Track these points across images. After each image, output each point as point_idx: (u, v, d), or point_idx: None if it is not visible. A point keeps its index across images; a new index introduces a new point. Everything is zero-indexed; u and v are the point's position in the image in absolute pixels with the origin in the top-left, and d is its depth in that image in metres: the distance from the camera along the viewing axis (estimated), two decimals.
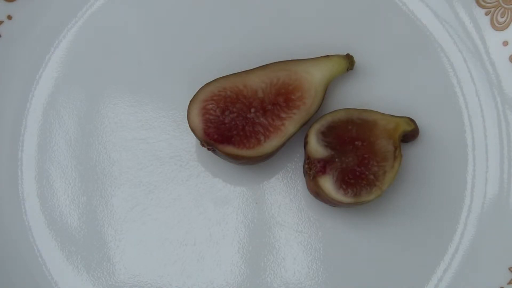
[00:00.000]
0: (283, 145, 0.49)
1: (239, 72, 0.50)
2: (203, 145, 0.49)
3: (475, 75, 0.53)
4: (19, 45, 0.54)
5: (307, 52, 0.52)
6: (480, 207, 0.52)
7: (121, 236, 0.52)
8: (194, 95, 0.49)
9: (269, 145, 0.48)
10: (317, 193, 0.46)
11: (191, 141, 0.53)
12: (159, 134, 0.53)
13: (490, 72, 0.53)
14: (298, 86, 0.50)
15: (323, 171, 0.45)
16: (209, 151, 0.50)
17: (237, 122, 0.49)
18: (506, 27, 0.52)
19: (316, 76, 0.50)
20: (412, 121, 0.49)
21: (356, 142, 0.45)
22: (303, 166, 0.47)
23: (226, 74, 0.50)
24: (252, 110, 0.49)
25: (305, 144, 0.46)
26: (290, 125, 0.49)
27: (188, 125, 0.49)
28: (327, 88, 0.51)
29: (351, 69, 0.52)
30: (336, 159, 0.45)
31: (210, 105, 0.49)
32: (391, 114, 0.51)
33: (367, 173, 0.45)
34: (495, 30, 0.53)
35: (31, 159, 0.53)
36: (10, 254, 0.52)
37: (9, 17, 0.54)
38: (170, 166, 0.53)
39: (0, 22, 0.53)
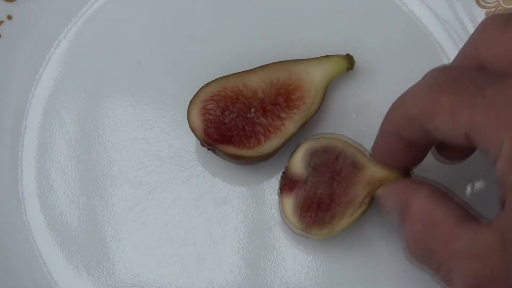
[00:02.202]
0: (283, 145, 0.49)
1: (239, 72, 0.50)
2: (203, 145, 0.49)
3: None
4: (19, 45, 0.54)
5: (307, 52, 0.52)
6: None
7: (121, 236, 0.52)
8: (194, 95, 0.49)
9: (269, 145, 0.48)
10: (280, 210, 0.46)
11: (191, 141, 0.53)
12: (159, 134, 0.53)
13: None
14: (298, 86, 0.50)
15: (290, 189, 0.44)
16: (209, 151, 0.50)
17: (237, 122, 0.49)
18: None
19: (316, 76, 0.50)
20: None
21: (333, 178, 0.44)
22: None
23: (226, 74, 0.50)
24: (252, 110, 0.49)
25: (293, 152, 0.45)
26: (290, 125, 0.49)
27: (188, 125, 0.49)
28: (327, 88, 0.51)
29: (351, 69, 0.52)
30: (309, 184, 0.44)
31: (210, 105, 0.49)
32: None
33: (326, 211, 0.43)
34: None
35: (31, 159, 0.53)
36: (10, 254, 0.52)
37: (9, 17, 0.54)
38: (170, 166, 0.53)
39: (0, 22, 0.53)
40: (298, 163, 0.44)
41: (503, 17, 0.37)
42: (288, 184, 0.44)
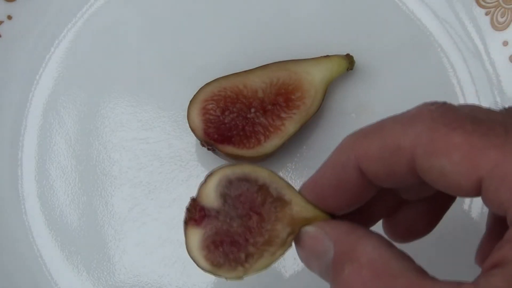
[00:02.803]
0: (283, 145, 0.49)
1: (239, 72, 0.50)
2: (203, 145, 0.49)
3: (475, 75, 0.53)
4: (19, 45, 0.54)
5: (307, 52, 0.52)
6: (480, 207, 0.52)
7: (121, 236, 0.52)
8: (194, 95, 0.49)
9: (269, 145, 0.48)
10: (185, 242, 0.39)
11: (191, 141, 0.53)
12: (159, 134, 0.53)
13: (490, 72, 0.53)
14: (298, 86, 0.50)
15: (198, 222, 0.38)
16: (209, 151, 0.50)
17: (237, 122, 0.49)
18: (506, 27, 0.52)
19: (316, 76, 0.50)
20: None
21: (251, 213, 0.37)
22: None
23: (226, 74, 0.50)
24: (252, 110, 0.49)
25: (206, 178, 0.38)
26: (290, 125, 0.49)
27: (188, 125, 0.49)
28: (327, 88, 0.51)
29: (351, 69, 0.52)
30: (220, 217, 0.37)
31: (210, 105, 0.49)
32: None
33: (241, 249, 0.37)
34: (495, 30, 0.53)
35: (31, 159, 0.53)
36: (10, 254, 0.52)
37: (9, 17, 0.54)
38: (170, 166, 0.53)
39: (0, 22, 0.53)
40: (211, 192, 0.37)
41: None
42: (196, 216, 0.38)
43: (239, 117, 0.49)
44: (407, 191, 0.36)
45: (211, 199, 0.37)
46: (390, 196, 0.36)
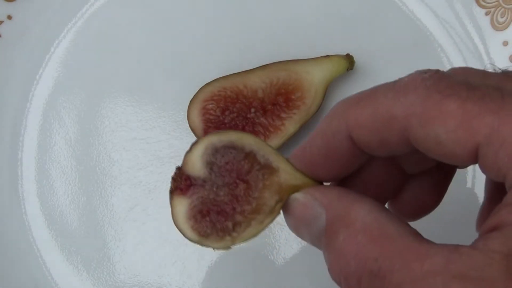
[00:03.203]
0: (283, 145, 0.49)
1: (239, 72, 0.50)
2: None
3: None
4: (19, 45, 0.54)
5: (307, 52, 0.52)
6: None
7: (121, 236, 0.52)
8: (194, 95, 0.49)
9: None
10: (171, 212, 0.37)
11: (191, 141, 0.53)
12: (159, 134, 0.53)
13: None
14: (298, 86, 0.50)
15: (184, 191, 0.36)
16: None
17: (237, 122, 0.49)
18: (506, 27, 0.52)
19: (316, 76, 0.50)
20: None
21: (238, 181, 0.36)
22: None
23: (226, 74, 0.50)
24: (252, 110, 0.49)
25: (191, 146, 0.37)
26: (290, 125, 0.49)
27: (188, 125, 0.49)
28: (327, 88, 0.51)
29: (351, 69, 0.52)
30: (207, 186, 0.36)
31: (210, 105, 0.49)
32: None
33: (228, 218, 0.36)
34: (495, 30, 0.53)
35: (31, 159, 0.53)
36: (10, 254, 0.52)
37: (9, 17, 0.54)
38: (170, 166, 0.53)
39: (0, 22, 0.53)
40: (197, 160, 0.36)
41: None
42: (181, 185, 0.37)
43: (239, 117, 0.49)
44: (408, 162, 0.35)
45: (197, 167, 0.36)
46: (395, 174, 0.35)
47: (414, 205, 0.36)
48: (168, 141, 0.53)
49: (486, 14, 0.53)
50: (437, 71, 0.30)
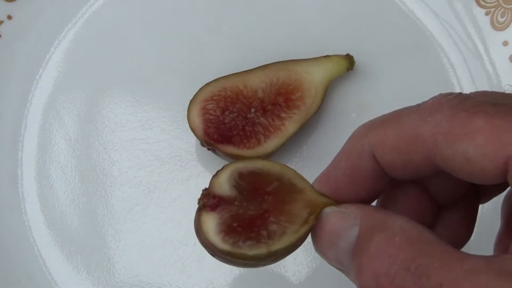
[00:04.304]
0: (283, 145, 0.49)
1: (239, 72, 0.50)
2: (203, 145, 0.49)
3: (475, 75, 0.53)
4: (19, 45, 0.54)
5: (307, 52, 0.52)
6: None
7: (121, 236, 0.52)
8: (194, 95, 0.49)
9: (269, 145, 0.49)
10: (197, 230, 0.36)
11: (191, 141, 0.53)
12: (159, 134, 0.53)
13: (490, 72, 0.53)
14: (298, 86, 0.50)
15: (213, 208, 0.35)
16: (209, 151, 0.50)
17: (237, 122, 0.49)
18: (506, 27, 0.52)
19: (316, 76, 0.50)
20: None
21: (267, 196, 0.35)
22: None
23: (226, 74, 0.50)
24: (252, 110, 0.49)
25: (217, 172, 0.37)
26: (290, 125, 0.49)
27: (188, 125, 0.49)
28: (327, 88, 0.51)
29: (351, 69, 0.52)
30: (236, 203, 0.35)
31: (210, 105, 0.49)
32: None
33: (261, 227, 0.34)
34: (495, 30, 0.53)
35: (31, 159, 0.53)
36: (10, 254, 0.52)
37: (9, 17, 0.54)
38: (170, 166, 0.53)
39: (0, 22, 0.53)
40: (222, 184, 0.36)
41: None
42: (209, 202, 0.36)
43: (239, 117, 0.49)
44: (436, 189, 0.35)
45: (224, 188, 0.36)
46: (427, 205, 0.35)
47: (449, 238, 0.36)
48: (168, 141, 0.53)
49: (486, 14, 0.53)
50: (460, 93, 0.30)
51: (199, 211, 0.35)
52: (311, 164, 0.52)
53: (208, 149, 0.49)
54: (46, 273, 0.52)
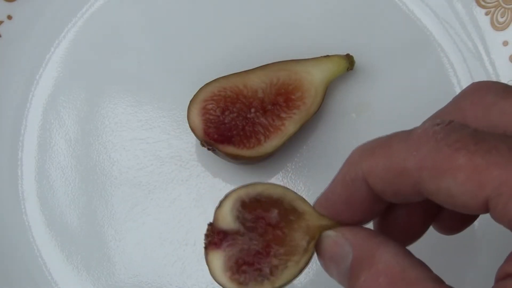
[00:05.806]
0: (283, 145, 0.49)
1: (239, 72, 0.50)
2: (203, 145, 0.49)
3: (475, 75, 0.53)
4: (19, 45, 0.54)
5: (307, 52, 0.52)
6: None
7: (121, 236, 0.52)
8: (194, 95, 0.49)
9: (269, 145, 0.48)
10: (207, 265, 0.39)
11: (191, 141, 0.53)
12: (159, 134, 0.53)
13: (490, 72, 0.53)
14: (298, 86, 0.50)
15: (218, 245, 0.38)
16: (209, 151, 0.50)
17: (237, 122, 0.49)
18: (506, 27, 0.52)
19: (316, 76, 0.50)
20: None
21: (268, 228, 0.38)
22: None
23: (226, 74, 0.50)
24: (252, 110, 0.49)
25: (220, 203, 0.39)
26: (290, 125, 0.49)
27: (188, 125, 0.49)
28: (327, 88, 0.51)
29: (351, 69, 0.52)
30: (240, 237, 0.37)
31: (210, 105, 0.49)
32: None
33: (263, 264, 0.37)
34: (495, 30, 0.53)
35: (31, 159, 0.53)
36: (10, 254, 0.52)
37: (9, 17, 0.54)
38: (170, 166, 0.53)
39: (0, 22, 0.53)
40: (225, 216, 0.38)
41: (502, 85, 0.33)
42: (215, 239, 0.38)
43: (239, 117, 0.49)
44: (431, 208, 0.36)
45: (227, 221, 0.38)
46: (421, 220, 0.37)
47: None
48: (168, 141, 0.53)
49: (486, 14, 0.53)
50: (450, 122, 0.31)
51: (206, 249, 0.38)
52: (311, 164, 0.52)
53: (208, 149, 0.49)
54: (46, 273, 0.52)
